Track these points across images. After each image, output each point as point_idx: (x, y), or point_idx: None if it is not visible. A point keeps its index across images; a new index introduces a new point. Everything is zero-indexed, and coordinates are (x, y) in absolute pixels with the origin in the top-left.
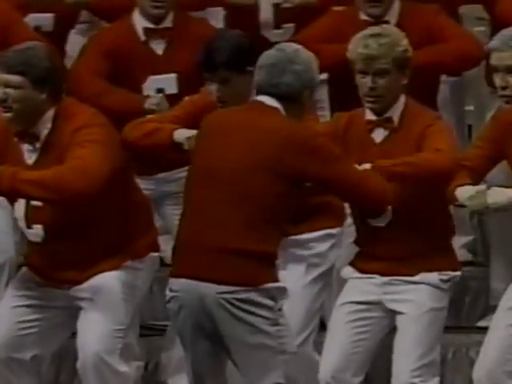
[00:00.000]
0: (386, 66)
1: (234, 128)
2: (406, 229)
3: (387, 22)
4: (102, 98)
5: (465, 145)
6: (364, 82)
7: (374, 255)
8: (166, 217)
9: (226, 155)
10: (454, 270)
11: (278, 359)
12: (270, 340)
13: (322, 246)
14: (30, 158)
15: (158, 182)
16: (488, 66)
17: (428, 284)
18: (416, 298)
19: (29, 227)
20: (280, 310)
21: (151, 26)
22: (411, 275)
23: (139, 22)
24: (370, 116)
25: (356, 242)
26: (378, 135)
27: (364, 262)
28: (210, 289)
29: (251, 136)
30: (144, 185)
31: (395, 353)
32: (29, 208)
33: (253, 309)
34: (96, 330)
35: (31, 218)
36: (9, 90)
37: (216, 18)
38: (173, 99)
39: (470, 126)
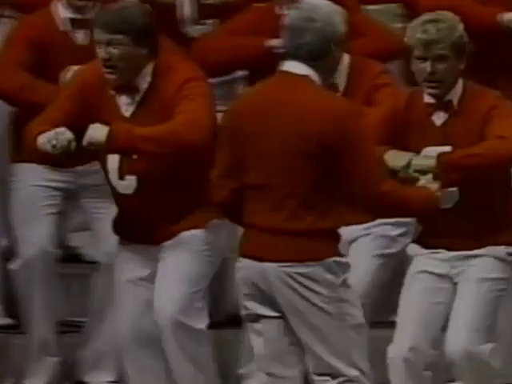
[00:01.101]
0: (444, 51)
1: (271, 108)
2: (472, 208)
3: None
4: (25, 91)
5: None
6: (423, 67)
7: (440, 234)
8: (85, 210)
9: (269, 140)
10: None
11: (347, 336)
12: (332, 319)
13: (393, 231)
14: (126, 111)
15: (76, 175)
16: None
17: (493, 256)
18: (479, 264)
19: (121, 178)
20: (343, 284)
21: (75, 16)
22: (477, 249)
23: (62, 12)
24: (428, 99)
25: (420, 221)
26: (439, 118)
27: (430, 238)
28: (271, 265)
29: (290, 117)
30: (62, 177)
31: (452, 316)
32: (123, 159)
33: (313, 285)
34: (173, 292)
35: (125, 169)
36: (111, 49)
37: None
38: None
39: None
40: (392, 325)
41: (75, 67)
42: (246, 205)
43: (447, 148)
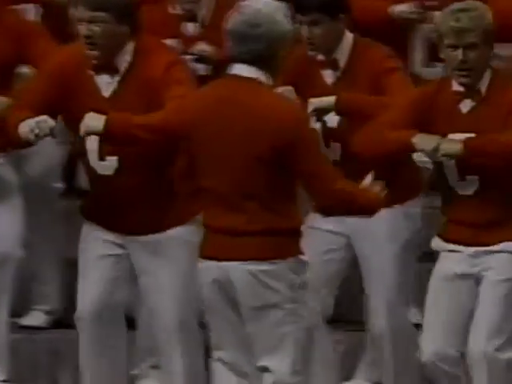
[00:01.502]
0: (475, 39)
1: (223, 113)
2: (492, 196)
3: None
4: None
5: None
6: (455, 55)
7: (459, 222)
8: None
9: (223, 145)
10: None
11: (296, 337)
12: (286, 318)
13: None
14: (106, 91)
15: None
16: None
17: (509, 252)
18: (496, 265)
19: (101, 159)
20: (302, 285)
21: None
22: (493, 244)
23: None
24: (457, 87)
25: (442, 210)
26: (465, 106)
27: (450, 230)
28: (234, 264)
29: (242, 121)
30: None
31: (474, 321)
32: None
33: (274, 283)
34: (171, 298)
35: (105, 149)
36: (93, 27)
37: (29, 13)
38: None
39: None
40: None
41: None
42: (205, 207)
43: (472, 135)
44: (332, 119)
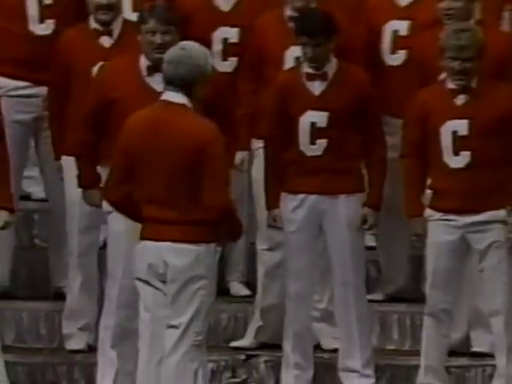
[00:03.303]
0: (472, 53)
1: (157, 134)
2: (482, 169)
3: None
4: None
5: None
6: (454, 65)
7: (451, 194)
8: None
9: (160, 157)
10: None
11: (203, 305)
12: (200, 290)
13: None
14: (159, 88)
15: None
16: None
17: (498, 221)
18: (491, 236)
19: None
20: (216, 266)
21: None
22: (482, 211)
23: None
24: (451, 85)
25: (432, 185)
26: (461, 99)
27: (442, 201)
28: (166, 244)
29: (171, 142)
30: None
31: (485, 290)
32: None
33: (196, 262)
34: None
35: None
36: (164, 36)
37: None
38: None
39: None
40: None
41: None
42: (144, 205)
43: (465, 121)
44: (322, 120)
